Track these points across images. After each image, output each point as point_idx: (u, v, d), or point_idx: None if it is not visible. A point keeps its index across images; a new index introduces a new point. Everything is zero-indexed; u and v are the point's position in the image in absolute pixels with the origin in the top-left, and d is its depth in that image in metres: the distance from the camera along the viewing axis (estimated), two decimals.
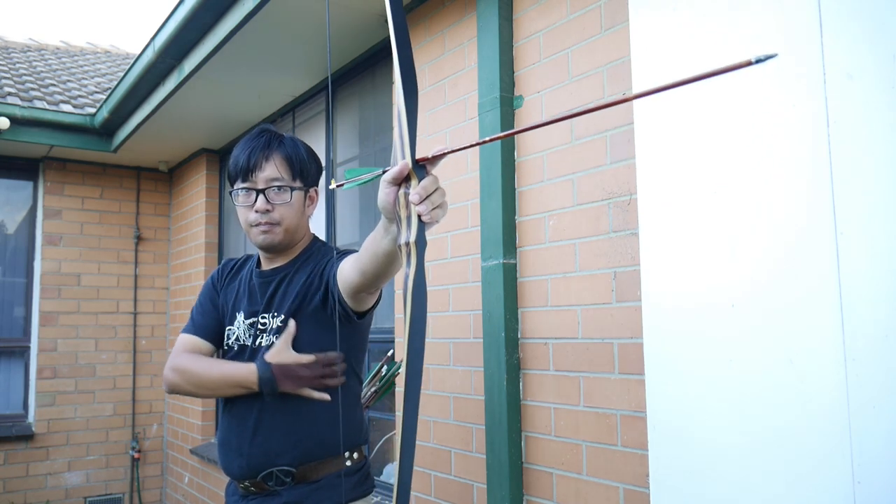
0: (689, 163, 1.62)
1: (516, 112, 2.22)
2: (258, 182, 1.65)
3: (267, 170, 1.65)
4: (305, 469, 1.61)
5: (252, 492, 1.65)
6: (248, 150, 1.66)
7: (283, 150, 1.68)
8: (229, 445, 1.66)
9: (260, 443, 1.61)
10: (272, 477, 1.61)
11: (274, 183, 1.65)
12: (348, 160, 3.55)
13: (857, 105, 1.33)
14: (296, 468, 1.60)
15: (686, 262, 1.61)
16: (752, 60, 0.60)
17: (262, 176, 1.64)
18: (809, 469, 1.36)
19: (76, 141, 4.73)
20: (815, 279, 1.37)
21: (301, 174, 1.70)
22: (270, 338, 1.64)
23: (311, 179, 1.75)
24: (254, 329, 1.68)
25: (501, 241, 2.15)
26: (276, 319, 1.65)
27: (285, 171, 1.67)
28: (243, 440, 1.63)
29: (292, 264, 1.72)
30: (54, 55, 6.85)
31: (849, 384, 1.30)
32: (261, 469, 1.61)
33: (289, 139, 1.72)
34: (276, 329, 1.64)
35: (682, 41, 1.65)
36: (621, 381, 1.82)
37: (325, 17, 2.91)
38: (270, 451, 1.61)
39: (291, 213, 1.68)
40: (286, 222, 1.67)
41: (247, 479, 1.64)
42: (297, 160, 1.69)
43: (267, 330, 1.66)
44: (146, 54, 3.67)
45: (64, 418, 5.01)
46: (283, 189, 1.66)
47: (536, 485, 2.05)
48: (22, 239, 5.15)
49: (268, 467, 1.60)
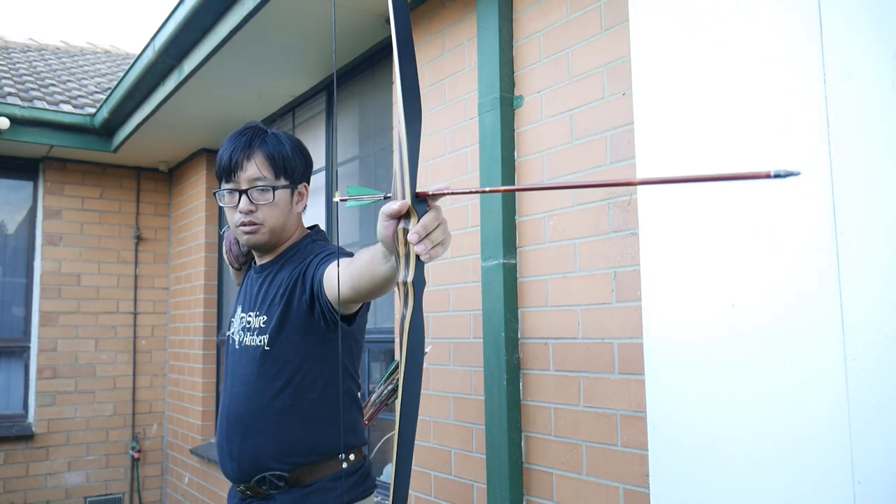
0: (689, 163, 1.62)
1: (516, 112, 2.22)
2: (241, 182, 1.61)
3: (249, 170, 1.61)
4: (298, 473, 1.59)
5: (248, 495, 1.64)
6: (231, 149, 1.63)
7: (265, 149, 1.63)
8: (223, 449, 1.66)
9: (249, 448, 1.59)
10: (265, 481, 1.59)
11: (257, 183, 1.61)
12: (348, 160, 3.55)
13: (857, 105, 1.33)
14: (288, 473, 1.58)
15: (686, 262, 1.61)
16: (771, 174, 0.57)
17: (245, 176, 1.61)
18: (809, 469, 1.36)
19: (76, 141, 4.73)
20: (815, 279, 1.37)
21: (285, 172, 1.66)
22: (253, 338, 1.62)
23: (297, 176, 1.70)
24: (243, 326, 1.68)
25: (501, 241, 2.15)
26: (258, 319, 1.63)
27: (267, 171, 1.62)
28: (233, 444, 1.61)
29: (276, 262, 1.70)
30: (54, 55, 6.85)
31: (849, 384, 1.30)
32: (253, 473, 1.59)
33: (272, 136, 1.67)
34: (257, 329, 1.62)
35: (683, 41, 1.65)
36: (621, 381, 1.82)
37: (325, 18, 2.91)
38: (259, 456, 1.58)
39: (275, 213, 1.64)
40: (270, 222, 1.64)
41: (242, 483, 1.63)
42: (279, 158, 1.65)
43: (251, 329, 1.64)
44: (146, 54, 3.67)
45: (64, 418, 5.01)
46: (266, 189, 1.62)
47: (536, 485, 2.05)
48: (22, 239, 5.15)
49: (260, 472, 1.59)
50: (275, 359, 1.58)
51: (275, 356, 1.58)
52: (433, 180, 2.56)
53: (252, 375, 1.60)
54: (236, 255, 1.84)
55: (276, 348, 1.58)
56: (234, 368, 1.66)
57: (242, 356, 1.63)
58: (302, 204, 1.73)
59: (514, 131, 2.22)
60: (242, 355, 1.63)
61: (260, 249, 1.70)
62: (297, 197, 1.71)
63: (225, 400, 1.67)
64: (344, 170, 3.59)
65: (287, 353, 1.58)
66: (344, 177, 3.58)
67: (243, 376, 1.62)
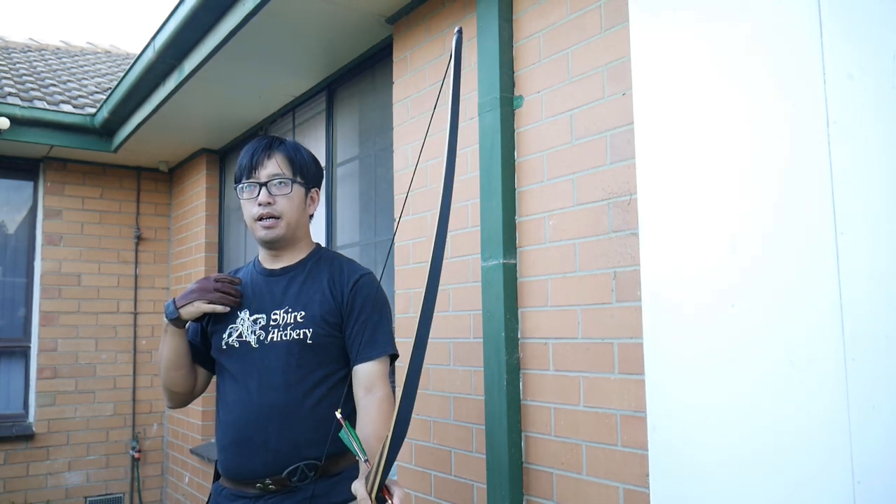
0: (689, 163, 1.62)
1: (516, 112, 2.22)
2: (261, 177, 1.75)
3: (269, 166, 1.75)
4: (330, 462, 1.66)
5: (271, 490, 1.65)
6: (252, 150, 1.78)
7: (284, 150, 1.79)
8: (249, 443, 1.66)
9: (288, 437, 1.64)
10: (297, 472, 1.64)
11: (276, 177, 1.74)
12: (348, 160, 3.55)
13: (857, 105, 1.33)
14: (321, 461, 1.64)
15: (686, 262, 1.61)
16: None
17: (265, 172, 1.75)
18: (809, 469, 1.36)
19: (76, 141, 4.74)
20: (815, 279, 1.37)
21: (301, 172, 1.80)
22: (287, 332, 1.68)
23: (311, 179, 1.84)
24: (261, 325, 1.71)
25: (501, 241, 2.15)
26: (290, 315, 1.70)
27: (286, 168, 1.76)
28: (269, 435, 1.64)
29: (302, 265, 1.79)
30: (54, 55, 6.85)
31: (849, 384, 1.30)
32: (288, 463, 1.63)
33: (291, 143, 1.82)
34: (292, 324, 1.69)
35: (683, 41, 1.65)
36: (621, 381, 1.82)
37: (325, 18, 2.91)
38: (299, 445, 1.64)
39: (292, 207, 1.76)
40: (287, 216, 1.75)
41: (268, 477, 1.64)
42: (297, 159, 1.80)
43: (280, 326, 1.70)
44: (146, 54, 3.67)
45: (64, 418, 5.01)
46: (284, 183, 1.75)
47: (536, 485, 2.05)
48: (22, 239, 5.15)
49: (295, 461, 1.63)
50: (316, 351, 1.68)
51: (316, 348, 1.68)
52: (433, 180, 2.57)
53: (291, 367, 1.67)
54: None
55: (318, 341, 1.68)
56: (261, 364, 1.69)
57: (270, 351, 1.69)
58: (314, 207, 1.86)
59: (514, 131, 2.22)
60: (270, 351, 1.69)
61: (275, 246, 1.78)
62: (310, 200, 1.84)
63: (244, 396, 1.68)
64: (344, 170, 3.59)
65: (328, 346, 1.69)
66: (344, 177, 3.59)
67: (276, 369, 1.67)
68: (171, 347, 1.79)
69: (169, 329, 1.78)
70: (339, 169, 3.62)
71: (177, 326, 1.77)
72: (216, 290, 1.75)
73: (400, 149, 2.78)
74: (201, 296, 1.74)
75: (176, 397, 1.87)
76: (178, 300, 1.76)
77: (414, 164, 2.67)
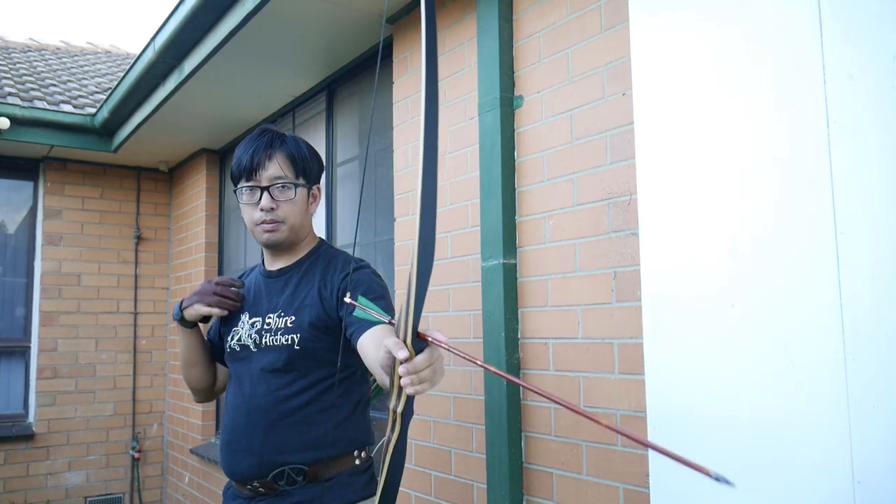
0: (689, 163, 1.62)
1: (516, 112, 2.22)
2: (262, 180, 1.67)
3: (270, 168, 1.67)
4: (318, 467, 1.62)
5: (261, 493, 1.64)
6: (252, 149, 1.68)
7: (285, 149, 1.70)
8: (238, 444, 1.66)
9: (273, 441, 1.61)
10: (283, 476, 1.61)
11: (278, 181, 1.67)
12: (348, 160, 3.55)
13: (857, 105, 1.33)
14: (308, 466, 1.61)
15: (686, 262, 1.61)
16: (711, 475, 0.65)
17: (266, 174, 1.66)
18: (809, 468, 1.36)
19: (76, 141, 4.73)
20: (815, 279, 1.37)
21: (304, 172, 1.72)
22: (278, 337, 1.65)
23: (313, 177, 1.77)
24: (257, 329, 1.69)
25: (501, 241, 2.15)
26: (282, 319, 1.66)
27: (288, 170, 1.69)
28: (255, 438, 1.63)
29: (298, 266, 1.74)
30: (54, 55, 6.85)
31: (849, 384, 1.30)
32: (273, 467, 1.61)
33: (290, 138, 1.74)
34: (282, 329, 1.65)
35: (683, 41, 1.65)
36: (621, 381, 1.82)
37: (325, 18, 2.91)
38: (285, 449, 1.61)
39: (295, 211, 1.70)
40: (290, 220, 1.69)
41: (255, 479, 1.63)
42: (299, 158, 1.71)
43: (272, 330, 1.67)
44: (146, 54, 3.67)
45: (64, 418, 5.01)
46: (287, 186, 1.68)
47: (536, 485, 2.05)
48: (22, 239, 5.15)
49: (280, 465, 1.61)
50: (304, 356, 1.63)
51: (304, 354, 1.63)
52: None
53: (279, 372, 1.64)
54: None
55: (306, 346, 1.62)
56: (254, 368, 1.68)
57: (263, 356, 1.67)
58: (316, 205, 1.80)
59: (514, 131, 2.22)
60: (264, 355, 1.67)
61: (277, 248, 1.74)
62: (312, 198, 1.78)
63: (239, 398, 1.69)
64: (344, 170, 3.59)
65: (317, 351, 1.63)
66: (344, 177, 3.59)
67: (266, 373, 1.65)
68: (184, 345, 1.83)
69: (180, 328, 1.80)
70: (339, 169, 3.62)
71: (185, 326, 1.79)
72: (214, 293, 1.74)
73: (400, 149, 2.78)
74: (201, 298, 1.74)
75: (198, 393, 1.92)
76: (185, 301, 1.78)
77: (414, 164, 2.67)
